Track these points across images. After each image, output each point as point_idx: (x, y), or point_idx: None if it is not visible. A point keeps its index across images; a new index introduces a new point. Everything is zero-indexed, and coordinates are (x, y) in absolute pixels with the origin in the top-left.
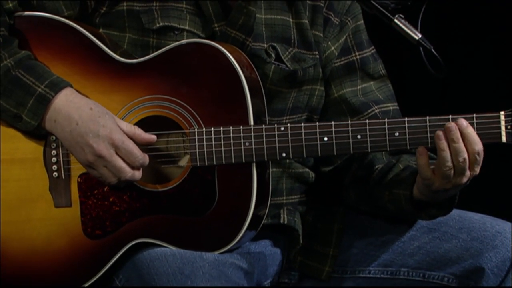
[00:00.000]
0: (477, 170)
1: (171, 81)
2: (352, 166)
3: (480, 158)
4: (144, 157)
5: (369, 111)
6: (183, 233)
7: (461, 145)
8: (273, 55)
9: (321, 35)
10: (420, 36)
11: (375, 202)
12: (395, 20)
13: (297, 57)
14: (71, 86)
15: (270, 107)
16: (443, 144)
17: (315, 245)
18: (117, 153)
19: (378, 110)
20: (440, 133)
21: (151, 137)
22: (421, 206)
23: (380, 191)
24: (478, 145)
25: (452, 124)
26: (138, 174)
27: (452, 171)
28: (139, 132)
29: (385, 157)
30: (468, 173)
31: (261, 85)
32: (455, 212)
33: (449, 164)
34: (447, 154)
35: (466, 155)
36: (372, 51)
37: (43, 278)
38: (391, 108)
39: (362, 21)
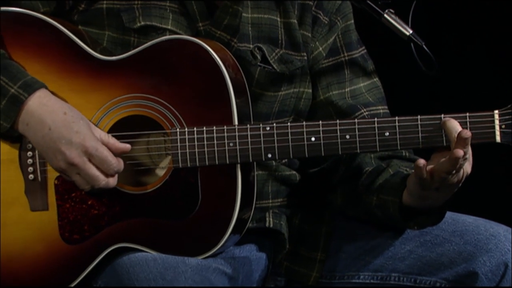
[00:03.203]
0: (469, 167)
1: (152, 79)
2: (339, 168)
3: (468, 152)
4: (118, 164)
5: (357, 113)
6: (165, 237)
7: (468, 149)
8: (259, 57)
9: (309, 35)
10: (411, 31)
11: (362, 207)
12: (385, 15)
13: (284, 59)
14: (46, 88)
15: (255, 111)
16: (459, 162)
17: (302, 249)
18: (90, 161)
19: (367, 113)
20: (459, 154)
21: (125, 146)
22: (409, 215)
23: (367, 196)
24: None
25: (468, 135)
26: (112, 181)
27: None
28: (112, 141)
29: (373, 161)
30: (461, 172)
31: (246, 87)
32: (448, 214)
33: (454, 173)
34: (456, 168)
35: (467, 156)
36: (362, 52)
37: (20, 284)
38: (381, 111)
39: (352, 21)
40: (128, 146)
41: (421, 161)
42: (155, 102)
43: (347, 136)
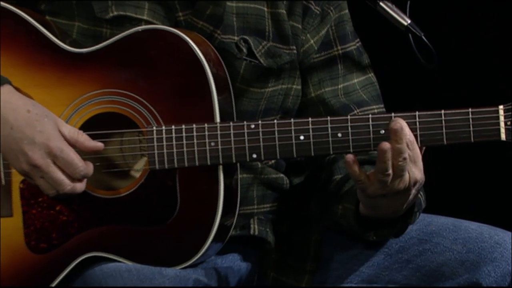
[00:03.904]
0: (416, 172)
1: (126, 73)
2: (322, 175)
3: (414, 154)
4: (86, 167)
5: (350, 114)
6: (140, 245)
7: (403, 145)
8: (244, 50)
9: (300, 26)
10: (409, 21)
11: (331, 217)
12: (381, 4)
13: (272, 52)
14: (10, 83)
15: (239, 109)
16: (387, 157)
17: (290, 259)
18: (55, 163)
19: (361, 113)
20: (385, 147)
21: (97, 144)
22: (372, 225)
23: (334, 205)
24: (410, 137)
25: (398, 125)
26: (79, 186)
27: (390, 177)
28: (82, 139)
29: None
30: (406, 176)
31: (230, 83)
32: (449, 221)
33: (389, 172)
34: (388, 164)
35: (406, 155)
36: (357, 44)
37: None
38: (376, 110)
39: (346, 11)
40: (100, 144)
41: (350, 156)
42: (130, 98)
43: (339, 134)
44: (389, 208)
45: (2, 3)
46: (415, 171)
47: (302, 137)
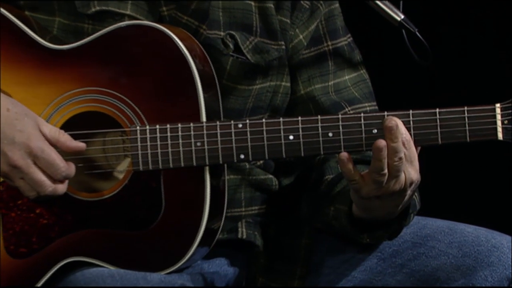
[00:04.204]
0: (412, 172)
1: (109, 70)
2: (312, 175)
3: (410, 153)
4: (68, 168)
5: (341, 112)
6: (124, 250)
7: (399, 144)
8: (231, 46)
9: (288, 21)
10: (402, 17)
11: (322, 218)
12: None
13: (260, 48)
14: None
15: (226, 107)
16: (382, 155)
17: (279, 263)
18: (35, 164)
19: (352, 111)
20: (381, 144)
21: (79, 145)
22: (365, 227)
23: (326, 207)
24: (405, 136)
25: (393, 123)
26: (61, 188)
27: (386, 177)
28: (64, 139)
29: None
30: (402, 176)
31: (216, 81)
32: (444, 223)
33: (384, 171)
34: (384, 163)
35: (402, 154)
36: (348, 40)
37: None
38: (368, 108)
39: (337, 5)
40: (82, 145)
41: (344, 154)
42: (112, 97)
43: (330, 134)
44: (383, 210)
45: None
46: (411, 171)
47: (291, 137)
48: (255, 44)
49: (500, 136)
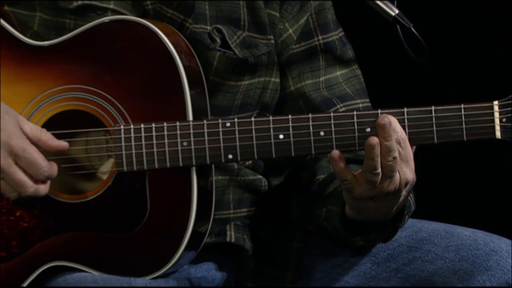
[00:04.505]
0: (408, 172)
1: (92, 67)
2: (303, 175)
3: (405, 152)
4: (50, 168)
5: (333, 109)
6: (107, 254)
7: (393, 143)
8: (218, 40)
9: (277, 14)
10: (397, 11)
11: (314, 220)
12: None
13: (248, 43)
14: None
15: (213, 104)
16: (375, 153)
17: (269, 268)
18: (17, 163)
19: (344, 108)
20: (373, 141)
21: (61, 144)
22: (358, 229)
23: (317, 207)
24: (401, 134)
25: (386, 121)
26: (43, 188)
27: (380, 177)
28: (46, 138)
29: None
30: (397, 176)
31: (203, 77)
32: (441, 226)
33: (378, 170)
34: (377, 162)
35: (396, 154)
36: (340, 34)
37: None
38: (360, 105)
39: None
40: (65, 144)
41: (335, 152)
42: (95, 95)
43: (322, 133)
44: (377, 211)
45: None
46: (406, 171)
47: (281, 136)
48: (243, 39)
49: (498, 134)
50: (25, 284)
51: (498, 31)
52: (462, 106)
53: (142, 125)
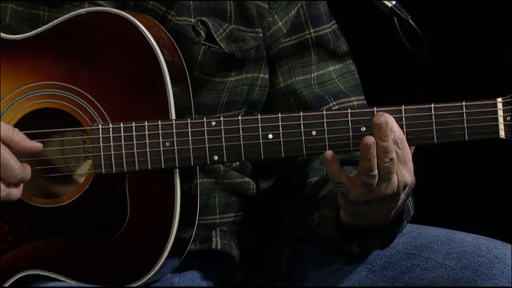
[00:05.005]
0: (406, 174)
1: (67, 63)
2: (294, 178)
3: (403, 153)
4: (23, 170)
5: (325, 107)
6: (84, 262)
7: (389, 143)
8: (202, 34)
9: (266, 6)
10: (394, 2)
11: (307, 226)
12: None
13: (234, 36)
14: None
15: (198, 102)
16: (371, 154)
17: (258, 277)
18: None
19: (337, 106)
20: (369, 141)
21: (35, 145)
22: (353, 235)
23: (310, 212)
24: (398, 134)
25: (382, 120)
26: (16, 192)
27: (376, 179)
28: (18, 138)
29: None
30: (394, 179)
31: (186, 73)
32: (441, 232)
33: (374, 172)
34: (373, 163)
35: (393, 155)
36: (333, 27)
37: None
38: (355, 103)
39: None
40: (39, 145)
41: (328, 153)
42: (72, 92)
43: (314, 132)
44: (374, 216)
45: None
46: (405, 173)
47: (270, 136)
48: (229, 32)
49: (502, 134)
50: None
51: (502, 23)
52: (464, 103)
53: (121, 124)
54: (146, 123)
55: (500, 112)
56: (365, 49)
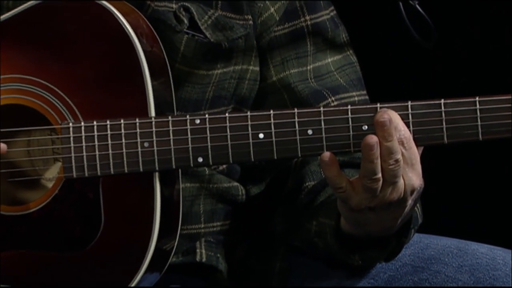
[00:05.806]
0: (414, 177)
1: (34, 54)
2: (288, 182)
3: (410, 154)
4: None
5: (323, 104)
6: (54, 276)
7: (394, 143)
8: (185, 21)
9: None
10: None
11: (303, 235)
12: None
13: (221, 24)
14: None
15: (180, 97)
16: (374, 154)
17: None
18: None
19: (336, 102)
20: (371, 141)
21: None
22: (355, 246)
23: (307, 220)
24: (404, 133)
25: (385, 117)
26: None
27: (380, 183)
28: None
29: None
30: (400, 183)
31: (167, 64)
32: (452, 242)
33: (378, 176)
34: (377, 165)
35: (399, 156)
36: (331, 14)
37: None
38: (356, 98)
39: None
40: (3, 145)
41: (326, 154)
42: (39, 86)
43: (310, 131)
44: (378, 224)
45: None
46: (412, 176)
47: (261, 135)
48: (215, 19)
49: None
50: None
51: None
52: (477, 99)
53: (94, 123)
54: (122, 121)
55: None
56: (367, 38)
